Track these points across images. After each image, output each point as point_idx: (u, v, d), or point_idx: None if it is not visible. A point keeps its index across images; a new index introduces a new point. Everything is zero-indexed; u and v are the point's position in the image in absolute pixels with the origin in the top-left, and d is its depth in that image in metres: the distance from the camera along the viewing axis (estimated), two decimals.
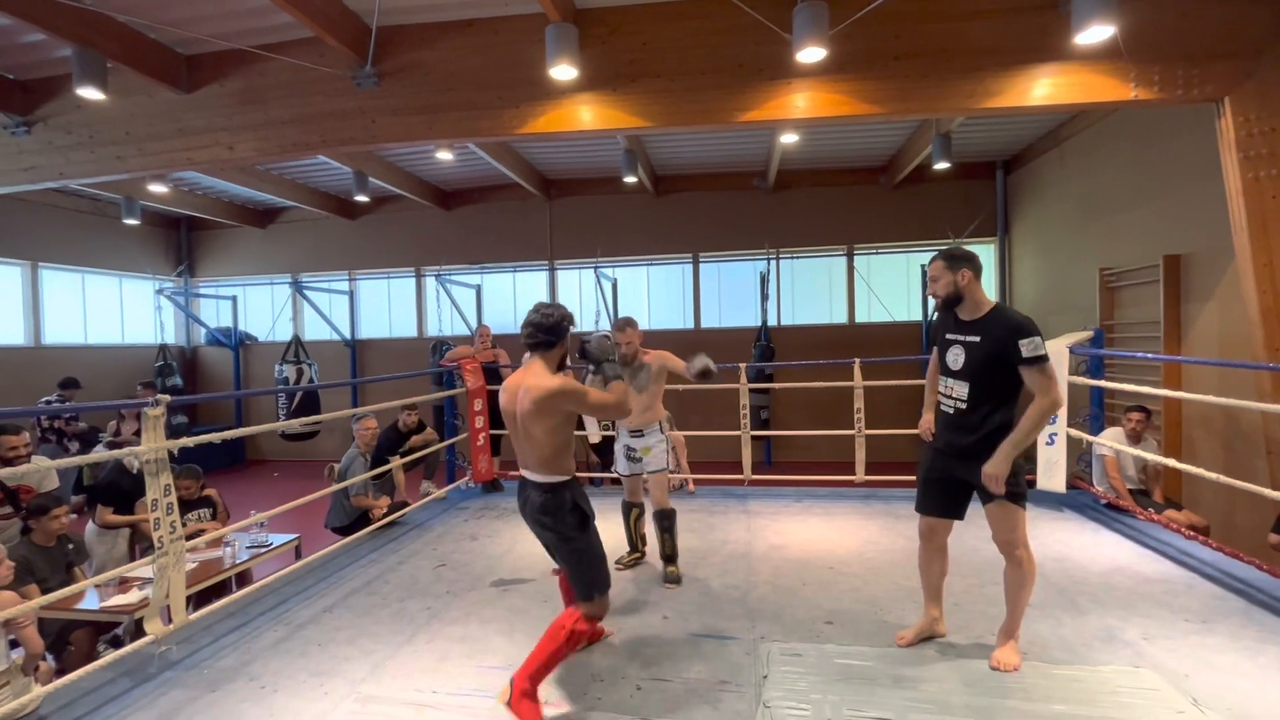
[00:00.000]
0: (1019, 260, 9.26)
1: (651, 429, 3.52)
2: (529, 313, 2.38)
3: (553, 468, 2.32)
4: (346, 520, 4.75)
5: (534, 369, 2.34)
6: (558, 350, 2.39)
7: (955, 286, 2.46)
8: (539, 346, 2.36)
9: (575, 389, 2.29)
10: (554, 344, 2.36)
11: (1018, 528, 2.45)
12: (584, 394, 2.31)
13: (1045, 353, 2.31)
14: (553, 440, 2.30)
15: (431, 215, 10.69)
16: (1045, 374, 2.31)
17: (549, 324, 2.35)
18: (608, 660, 2.62)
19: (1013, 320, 2.35)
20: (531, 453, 2.34)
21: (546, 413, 2.26)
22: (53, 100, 5.61)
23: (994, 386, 2.39)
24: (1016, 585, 2.49)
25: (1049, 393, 2.30)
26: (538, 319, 2.35)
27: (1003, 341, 2.33)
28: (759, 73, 4.74)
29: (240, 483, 9.58)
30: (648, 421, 3.52)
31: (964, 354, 2.45)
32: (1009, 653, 2.48)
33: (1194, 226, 5.43)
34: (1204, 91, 4.29)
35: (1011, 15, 4.48)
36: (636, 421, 3.51)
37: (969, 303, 2.46)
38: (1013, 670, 2.43)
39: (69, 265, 9.90)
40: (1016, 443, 2.33)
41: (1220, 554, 3.51)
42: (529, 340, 2.36)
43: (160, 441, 2.71)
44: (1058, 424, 4.48)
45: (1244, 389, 4.61)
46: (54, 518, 3.54)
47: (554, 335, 2.36)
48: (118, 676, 2.58)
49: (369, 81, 5.06)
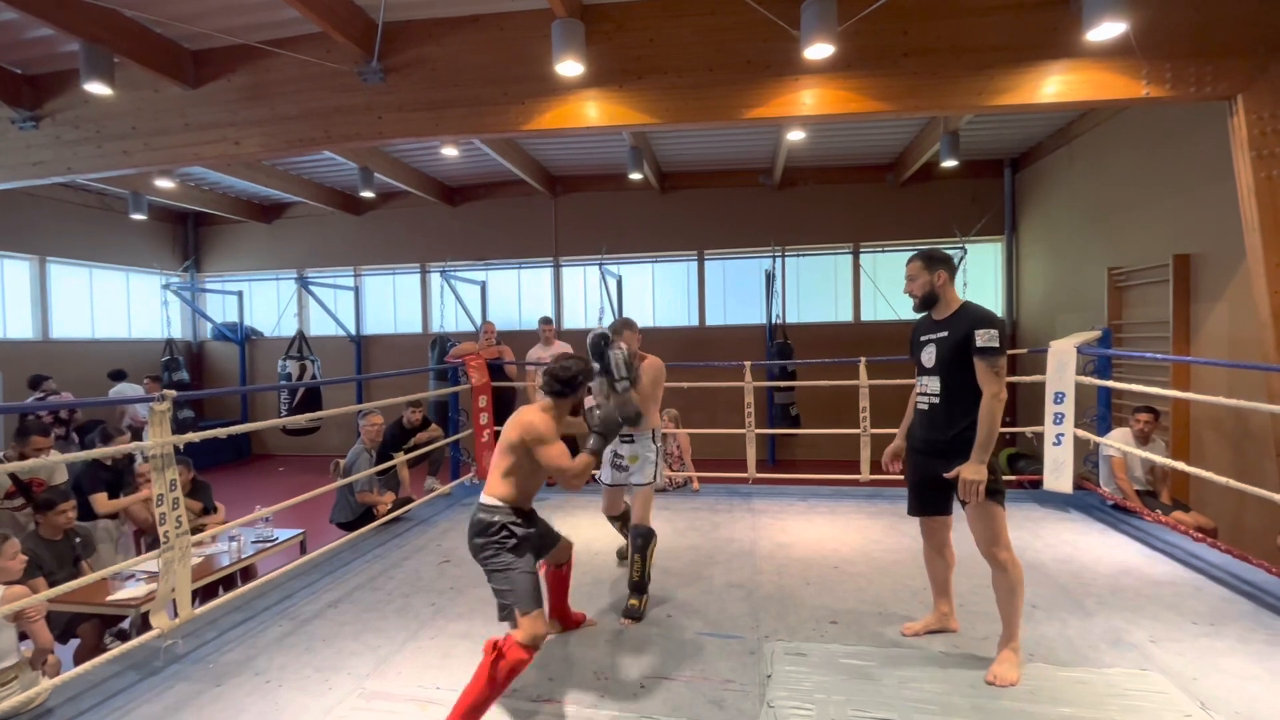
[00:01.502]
0: (1026, 259, 9.20)
1: (643, 437, 3.18)
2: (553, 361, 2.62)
3: (500, 491, 2.43)
4: (351, 516, 4.77)
5: (536, 407, 2.52)
6: (568, 401, 2.55)
7: (931, 287, 2.55)
8: (552, 394, 2.55)
9: (548, 437, 2.40)
10: (565, 395, 2.54)
11: (997, 528, 2.44)
12: (550, 446, 2.39)
13: (998, 346, 2.38)
14: (505, 465, 2.44)
15: (437, 211, 10.69)
16: (992, 366, 2.38)
17: (565, 377, 2.53)
18: (611, 658, 2.62)
19: (977, 313, 2.47)
20: (492, 475, 2.48)
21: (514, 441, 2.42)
22: (60, 95, 5.63)
23: (964, 380, 2.44)
24: (1006, 591, 2.43)
25: (990, 385, 2.37)
26: (556, 370, 2.54)
27: (965, 332, 2.43)
28: (766, 69, 4.71)
29: (245, 477, 9.63)
30: (640, 429, 3.16)
31: (935, 349, 2.54)
32: (1007, 667, 2.39)
33: (1204, 226, 5.38)
34: (1217, 89, 4.24)
35: (1022, 11, 4.44)
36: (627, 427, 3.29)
37: (942, 302, 2.57)
38: (1009, 685, 2.34)
39: (76, 260, 9.95)
40: (982, 444, 2.38)
41: (1229, 556, 3.48)
42: (544, 387, 2.56)
43: (166, 436, 2.71)
44: (1064, 424, 4.45)
45: (1254, 390, 4.57)
46: (60, 512, 3.56)
47: (567, 388, 2.53)
48: (124, 670, 2.60)
49: (375, 77, 5.05)
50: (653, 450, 3.20)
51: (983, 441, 2.37)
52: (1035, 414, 4.95)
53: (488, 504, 2.43)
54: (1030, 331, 8.97)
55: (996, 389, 2.38)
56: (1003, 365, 2.41)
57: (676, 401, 6.48)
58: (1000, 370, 2.41)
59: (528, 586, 2.32)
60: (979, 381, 2.40)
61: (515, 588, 2.30)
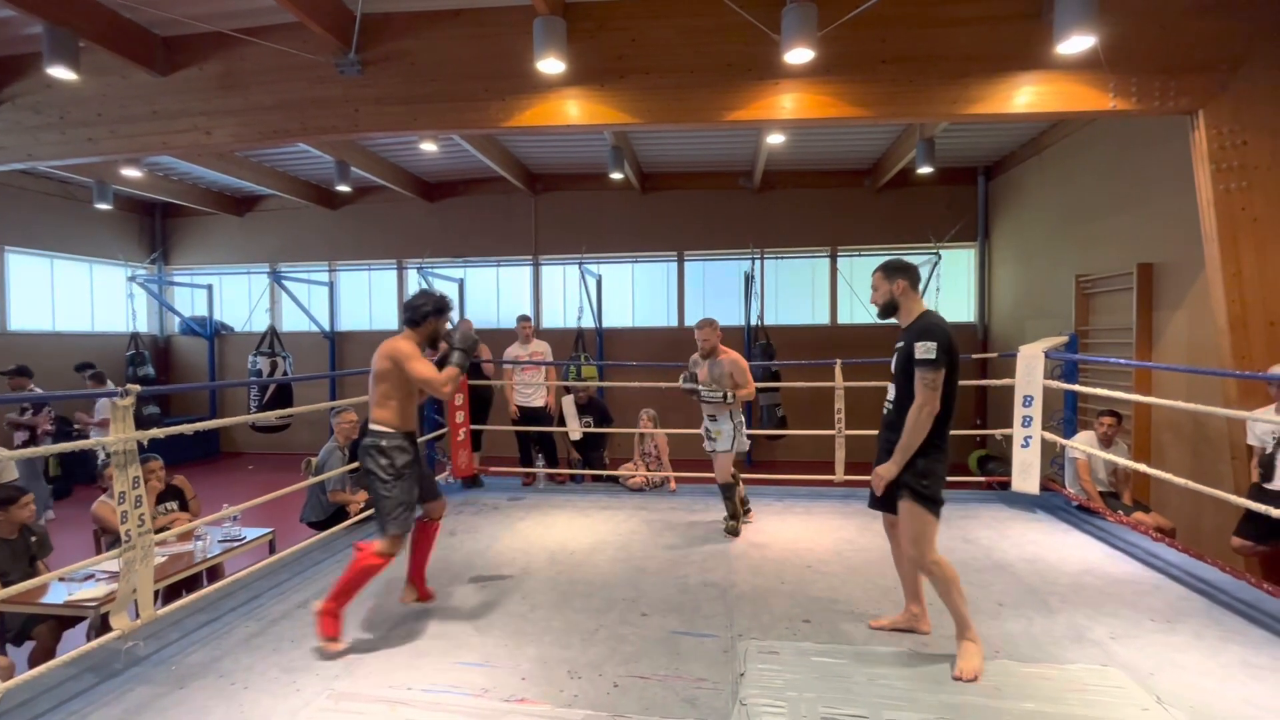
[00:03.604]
0: (998, 266, 9.41)
1: (724, 416, 4.17)
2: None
3: (384, 416, 2.80)
4: (323, 515, 4.68)
5: (398, 337, 2.85)
6: (422, 329, 2.89)
7: (891, 296, 2.62)
8: (407, 324, 2.91)
9: (414, 354, 2.77)
10: (417, 324, 2.88)
11: (920, 531, 2.49)
12: (418, 362, 2.76)
13: (934, 359, 2.42)
14: (382, 390, 2.79)
15: (414, 207, 10.56)
16: (923, 378, 2.44)
17: (416, 305, 2.90)
18: (585, 656, 2.62)
19: (924, 324, 2.52)
20: (371, 402, 2.84)
21: (385, 367, 2.76)
22: (21, 79, 5.44)
23: (910, 389, 2.50)
24: (942, 590, 2.50)
25: (920, 395, 2.44)
26: (410, 302, 2.93)
27: (911, 343, 2.50)
28: (747, 72, 4.75)
29: (213, 475, 9.40)
30: (722, 410, 4.15)
31: (895, 357, 2.63)
32: (968, 658, 2.45)
33: (1166, 236, 5.56)
34: (1179, 103, 4.39)
35: (996, 23, 4.54)
36: (712, 409, 4.18)
37: (903, 311, 2.63)
38: (973, 678, 2.39)
39: (37, 250, 9.62)
40: (902, 448, 2.48)
41: (1186, 556, 3.60)
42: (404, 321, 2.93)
43: (129, 432, 2.64)
44: (1032, 427, 4.56)
45: (1211, 395, 4.73)
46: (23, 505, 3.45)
47: (418, 317, 2.88)
48: (82, 672, 2.52)
49: (352, 69, 4.97)
50: (731, 426, 4.17)
51: (903, 446, 2.48)
52: (1005, 417, 5.07)
53: (376, 430, 2.77)
54: (1001, 336, 9.17)
55: (923, 400, 2.44)
56: (935, 379, 2.43)
57: (654, 402, 6.48)
58: (931, 383, 2.43)
59: (400, 512, 2.76)
60: (916, 390, 2.46)
61: (390, 511, 2.74)
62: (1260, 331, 4.23)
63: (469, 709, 2.26)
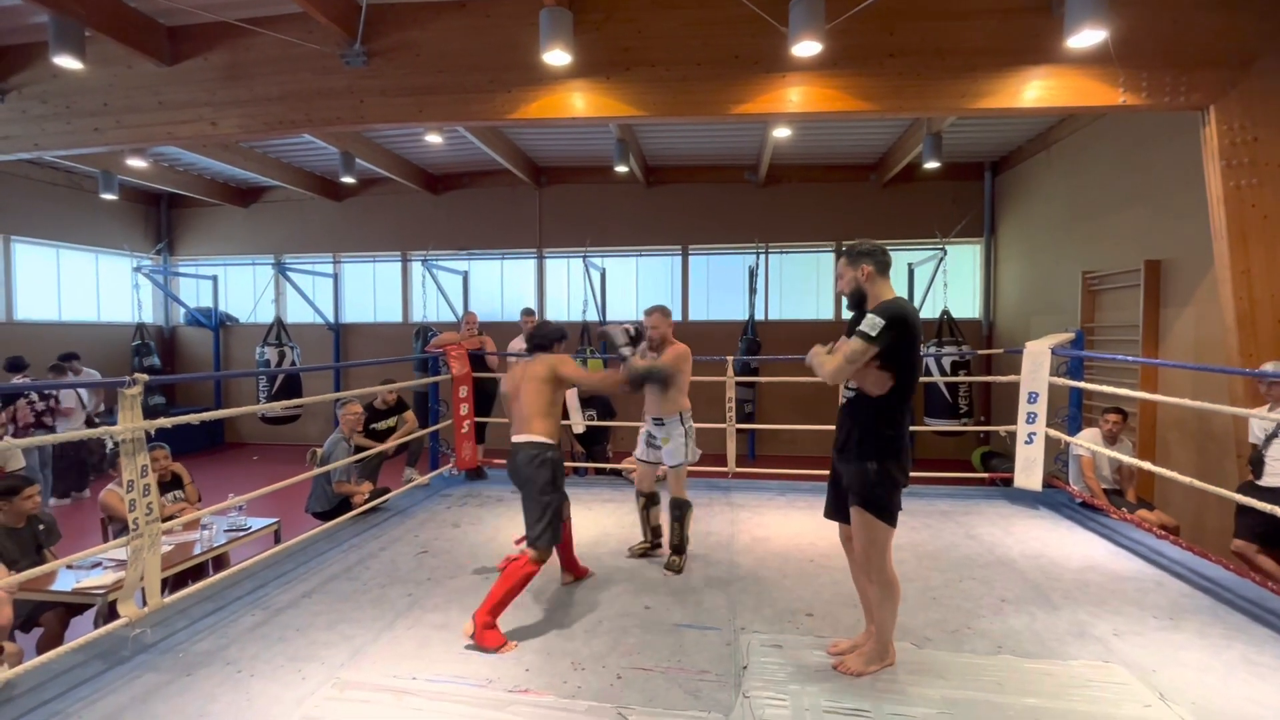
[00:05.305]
0: (1004, 261, 9.36)
1: (672, 419, 3.54)
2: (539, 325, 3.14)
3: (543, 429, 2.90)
4: (328, 505, 4.71)
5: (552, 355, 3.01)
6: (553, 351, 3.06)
7: (857, 283, 2.40)
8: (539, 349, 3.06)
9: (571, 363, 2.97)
10: (547, 348, 3.05)
11: (877, 544, 2.35)
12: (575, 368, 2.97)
13: (874, 336, 2.21)
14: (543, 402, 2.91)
15: (419, 199, 10.55)
16: (853, 344, 2.26)
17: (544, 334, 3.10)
18: (589, 648, 2.63)
19: (884, 306, 2.29)
20: (525, 415, 2.91)
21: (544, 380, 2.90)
22: (28, 68, 5.44)
23: (863, 376, 2.33)
24: (882, 601, 2.41)
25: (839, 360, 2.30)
26: (540, 331, 3.11)
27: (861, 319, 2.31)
28: (754, 65, 4.72)
29: (219, 465, 9.45)
30: (668, 412, 3.54)
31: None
32: (862, 659, 2.41)
33: (1174, 233, 5.52)
34: (1190, 99, 4.35)
35: (1006, 16, 4.50)
36: (656, 410, 3.57)
37: (870, 299, 2.39)
38: (849, 674, 2.36)
39: (43, 240, 9.65)
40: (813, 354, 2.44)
41: (1189, 553, 3.60)
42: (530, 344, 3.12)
43: (137, 421, 2.65)
44: (1037, 424, 4.55)
45: (1217, 393, 4.71)
46: (26, 497, 3.47)
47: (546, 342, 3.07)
48: (90, 659, 2.54)
49: (358, 60, 4.96)
50: (682, 432, 3.54)
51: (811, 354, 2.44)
52: (1009, 413, 5.06)
53: (542, 442, 2.87)
54: (1006, 332, 9.14)
55: (845, 357, 2.27)
56: (862, 351, 2.24)
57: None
58: (855, 353, 2.25)
59: (556, 522, 2.86)
60: None
61: (548, 520, 2.81)
62: (1268, 330, 4.20)
63: (473, 699, 2.28)
